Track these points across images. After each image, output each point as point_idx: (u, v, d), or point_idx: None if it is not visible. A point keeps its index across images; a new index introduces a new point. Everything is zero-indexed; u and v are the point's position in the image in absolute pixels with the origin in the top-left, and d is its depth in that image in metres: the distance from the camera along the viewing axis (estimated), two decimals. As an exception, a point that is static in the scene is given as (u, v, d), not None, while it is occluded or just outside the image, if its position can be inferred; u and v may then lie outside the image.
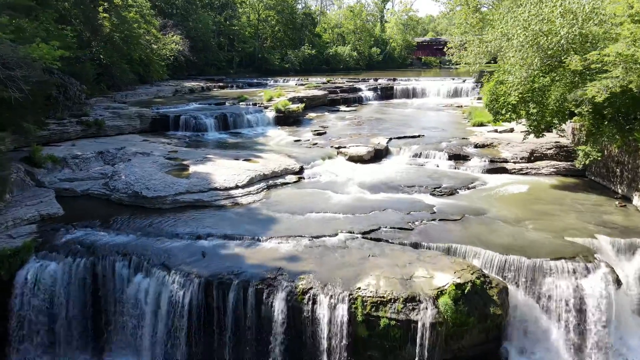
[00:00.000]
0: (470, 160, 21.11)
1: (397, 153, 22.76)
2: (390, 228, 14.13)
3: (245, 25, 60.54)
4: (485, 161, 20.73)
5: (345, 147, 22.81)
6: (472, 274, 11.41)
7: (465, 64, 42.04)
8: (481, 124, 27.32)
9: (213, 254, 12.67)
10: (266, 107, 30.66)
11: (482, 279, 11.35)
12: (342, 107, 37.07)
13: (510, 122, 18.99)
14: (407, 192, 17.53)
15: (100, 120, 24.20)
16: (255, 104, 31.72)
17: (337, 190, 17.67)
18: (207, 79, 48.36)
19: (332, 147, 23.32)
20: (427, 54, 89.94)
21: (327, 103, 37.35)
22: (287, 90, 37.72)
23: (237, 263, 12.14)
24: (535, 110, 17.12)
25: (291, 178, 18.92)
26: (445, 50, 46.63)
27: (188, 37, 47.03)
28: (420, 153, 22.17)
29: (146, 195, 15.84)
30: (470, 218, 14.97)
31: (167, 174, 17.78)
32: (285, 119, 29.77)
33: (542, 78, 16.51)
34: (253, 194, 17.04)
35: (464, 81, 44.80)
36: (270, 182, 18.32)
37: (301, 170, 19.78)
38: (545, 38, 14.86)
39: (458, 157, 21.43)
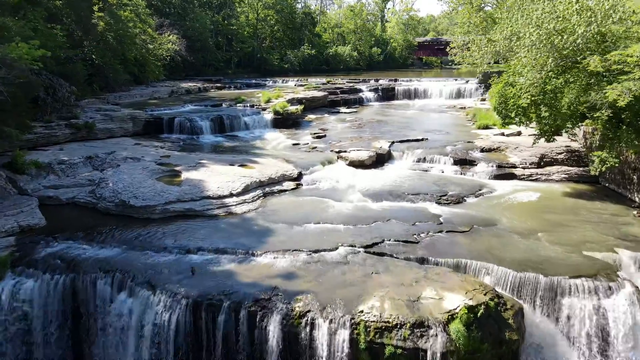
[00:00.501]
0: (476, 165, 20.15)
1: (400, 158, 21.78)
2: (395, 241, 13.15)
3: (244, 24, 59.62)
4: (492, 166, 19.76)
5: (345, 151, 21.84)
6: (485, 294, 10.44)
7: (472, 64, 41.24)
8: (487, 127, 26.37)
9: (203, 270, 11.69)
10: (264, 109, 29.69)
11: (496, 300, 10.38)
12: (343, 109, 36.13)
13: (520, 125, 18.01)
14: (411, 201, 16.56)
15: (91, 123, 23.23)
16: (252, 106, 30.75)
17: (338, 198, 16.71)
18: (204, 80, 47.45)
19: (332, 151, 22.35)
20: (428, 54, 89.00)
21: (327, 104, 36.40)
22: (285, 92, 36.79)
23: (229, 281, 11.16)
24: (547, 114, 16.16)
25: (289, 185, 17.95)
26: (447, 50, 45.77)
27: (185, 36, 46.10)
28: (424, 158, 21.20)
29: (134, 205, 14.87)
30: (479, 229, 14.00)
31: (158, 181, 16.80)
32: (284, 121, 28.81)
33: (554, 79, 15.54)
34: (248, 202, 16.07)
35: (467, 82, 43.83)
36: (267, 189, 17.35)
37: (299, 176, 18.82)
38: (559, 37, 13.89)
39: (464, 162, 20.47)
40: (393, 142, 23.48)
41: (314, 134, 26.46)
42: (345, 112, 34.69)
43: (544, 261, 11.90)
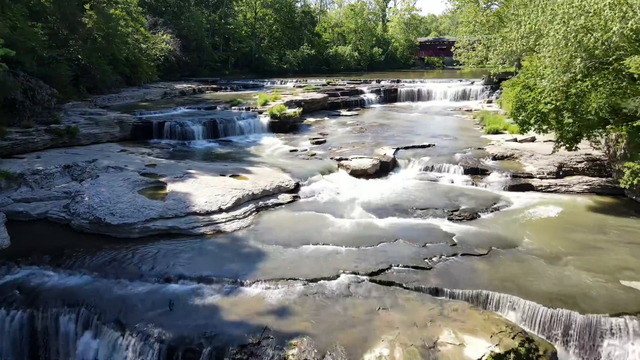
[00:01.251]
0: (489, 174, 18.57)
1: (405, 166, 20.19)
2: (404, 267, 11.55)
3: (242, 24, 57.99)
4: (506, 176, 18.17)
5: (347, 159, 20.24)
6: (512, 337, 8.83)
7: (478, 64, 39.73)
8: (497, 132, 24.78)
9: (183, 304, 10.09)
10: (260, 112, 28.09)
11: (526, 345, 8.78)
12: (343, 112, 34.55)
13: (539, 133, 16.41)
14: (420, 217, 14.96)
15: (73, 128, 21.63)
16: (248, 109, 29.15)
17: (339, 214, 15.11)
18: (200, 81, 45.90)
19: (332, 158, 20.74)
20: (430, 54, 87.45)
21: (326, 107, 34.81)
22: (284, 93, 35.22)
23: (212, 319, 9.56)
24: (570, 120, 14.57)
25: (285, 197, 16.36)
26: (452, 50, 44.26)
27: (180, 36, 44.53)
28: (432, 166, 19.61)
29: (110, 223, 13.27)
30: (498, 252, 12.40)
31: (140, 194, 15.20)
32: (281, 125, 27.21)
33: (580, 82, 13.95)
34: (239, 218, 14.47)
35: (472, 83, 42.26)
36: (261, 203, 15.76)
37: (297, 187, 17.23)
38: (589, 35, 12.29)
39: (475, 171, 18.89)
40: (398, 149, 21.89)
41: (313, 139, 24.87)
42: (346, 115, 33.11)
43: (577, 294, 10.29)
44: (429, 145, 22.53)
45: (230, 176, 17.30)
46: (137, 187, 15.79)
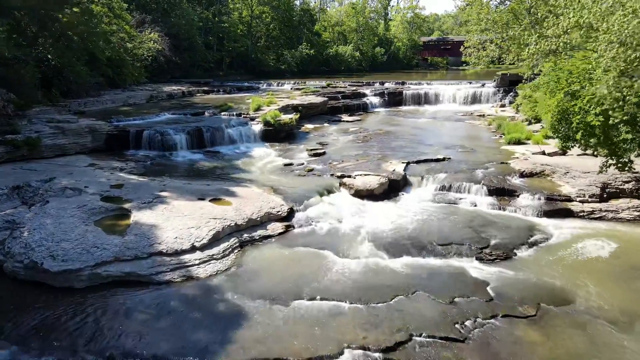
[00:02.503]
0: (518, 196, 15.69)
1: (418, 184, 17.29)
2: (428, 337, 8.67)
3: (237, 22, 55.00)
4: (540, 199, 15.30)
5: (350, 175, 17.35)
6: None
7: (488, 65, 37.00)
8: (518, 142, 21.89)
9: (126, 401, 7.21)
10: (253, 119, 25.21)
11: None
12: (345, 117, 31.69)
13: (586, 149, 13.54)
14: (442, 255, 12.08)
15: (35, 139, 18.74)
16: (240, 115, 26.27)
17: (341, 251, 12.23)
18: (191, 83, 43.08)
19: (332, 175, 17.84)
20: (434, 54, 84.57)
21: (326, 111, 31.94)
22: (280, 97, 32.37)
23: None
24: (629, 136, 11.70)
25: (275, 228, 13.48)
26: (460, 50, 41.46)
27: (170, 35, 41.63)
28: (450, 185, 16.73)
29: (48, 269, 10.37)
30: (549, 312, 9.52)
31: (95, 227, 12.28)
32: (276, 133, 24.32)
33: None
34: (217, 259, 11.59)
35: (482, 85, 39.39)
36: (245, 235, 12.88)
37: (290, 213, 14.34)
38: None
39: (501, 192, 16.01)
40: (408, 163, 19.00)
41: (311, 149, 21.97)
42: (347, 121, 30.24)
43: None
44: (443, 159, 19.64)
45: (210, 200, 14.39)
46: (93, 216, 12.87)
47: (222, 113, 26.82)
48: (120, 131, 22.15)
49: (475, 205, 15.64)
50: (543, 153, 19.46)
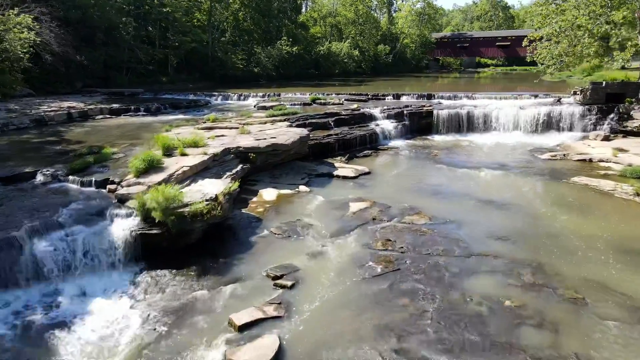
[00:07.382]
0: None
1: None
2: None
3: (186, 6, 39.09)
4: None
5: None
6: None
7: (572, 67, 23.47)
8: None
9: None
10: (123, 200, 10.64)
11: None
12: (340, 164, 17.31)
13: None
14: None
15: None
16: (101, 185, 11.73)
17: None
18: (111, 94, 28.66)
19: None
20: (448, 53, 70.17)
21: (305, 155, 17.49)
22: (225, 124, 18.04)
23: None
24: None
25: None
26: (523, 45, 27.32)
27: (67, 20, 26.88)
28: None
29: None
30: None
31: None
32: (171, 241, 9.80)
33: None
34: None
35: (558, 101, 25.03)
36: None
37: None
38: None
39: None
40: None
41: (253, 311, 7.41)
42: (345, 177, 15.77)
43: None
44: None
45: None
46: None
47: (70, 176, 12.24)
48: None
49: None
50: None
